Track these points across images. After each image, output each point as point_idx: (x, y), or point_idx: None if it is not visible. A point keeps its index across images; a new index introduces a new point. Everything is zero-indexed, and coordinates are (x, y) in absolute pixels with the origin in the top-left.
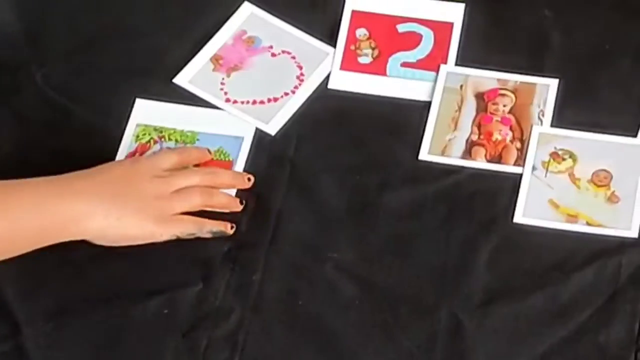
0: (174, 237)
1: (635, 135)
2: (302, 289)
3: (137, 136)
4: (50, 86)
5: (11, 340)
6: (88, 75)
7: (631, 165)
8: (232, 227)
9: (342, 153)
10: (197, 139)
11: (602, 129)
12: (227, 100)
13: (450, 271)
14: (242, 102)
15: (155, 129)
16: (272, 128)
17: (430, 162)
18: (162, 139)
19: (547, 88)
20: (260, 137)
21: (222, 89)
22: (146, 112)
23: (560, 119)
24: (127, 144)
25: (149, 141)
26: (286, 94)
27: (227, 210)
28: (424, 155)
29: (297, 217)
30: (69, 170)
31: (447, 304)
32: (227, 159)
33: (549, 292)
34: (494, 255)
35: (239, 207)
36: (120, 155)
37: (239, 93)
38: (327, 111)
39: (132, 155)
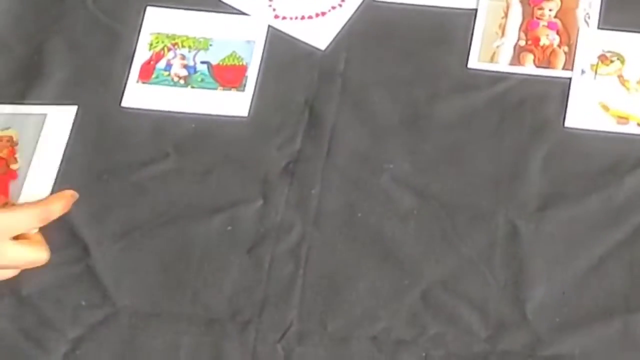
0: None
1: None
2: (360, 201)
3: (151, 44)
4: (101, 10)
5: (82, 262)
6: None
7: None
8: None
9: (392, 65)
10: (210, 45)
11: None
12: (276, 16)
13: (505, 178)
14: (291, 18)
15: (168, 37)
16: (322, 43)
17: (479, 70)
18: (176, 46)
19: None
20: (310, 51)
21: (270, 5)
22: (158, 20)
23: (607, 21)
24: (141, 53)
25: (162, 49)
26: (333, 7)
27: None
28: (473, 63)
29: (351, 131)
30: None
31: (504, 210)
32: (240, 63)
33: (603, 195)
34: (547, 160)
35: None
36: (136, 65)
37: (286, 9)
38: (374, 24)
39: (147, 64)
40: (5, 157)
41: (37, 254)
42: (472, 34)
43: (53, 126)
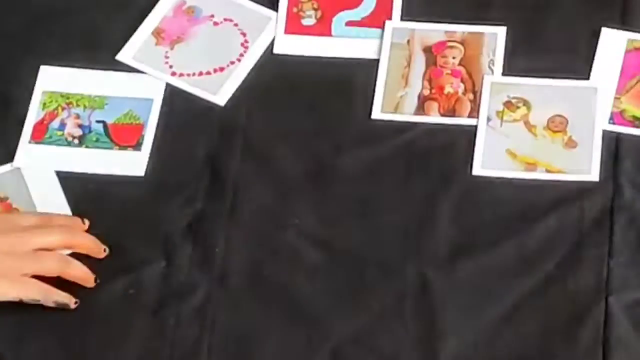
0: (16, 299)
1: (587, 78)
2: (266, 259)
3: (44, 104)
4: None
5: None
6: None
7: (585, 108)
8: (75, 303)
9: (294, 118)
10: (106, 104)
11: (553, 73)
12: (173, 73)
13: (413, 229)
14: (189, 75)
15: (62, 96)
16: (221, 98)
17: (384, 121)
18: (70, 105)
19: (495, 37)
20: (209, 108)
21: (167, 63)
22: (52, 79)
23: (511, 67)
24: (34, 112)
25: (56, 108)
26: (232, 62)
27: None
28: (377, 114)
29: (255, 186)
30: None
31: (413, 262)
32: (137, 122)
33: (514, 243)
34: (455, 209)
35: (92, 284)
36: (28, 124)
37: (184, 65)
38: (275, 77)
39: (39, 123)
40: (3, 211)
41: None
42: (375, 85)
43: (28, 171)
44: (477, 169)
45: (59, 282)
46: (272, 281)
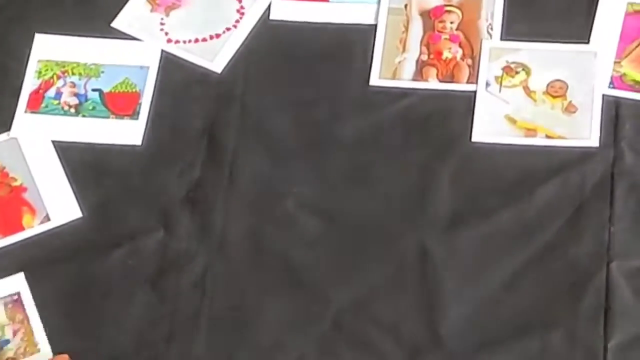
0: None
1: (587, 42)
2: (265, 228)
3: (40, 72)
4: None
5: None
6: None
7: (585, 72)
8: None
9: (292, 87)
10: (102, 72)
11: (553, 38)
12: (169, 40)
13: (413, 197)
14: (184, 42)
15: (57, 64)
16: (218, 65)
17: (382, 87)
18: (66, 74)
19: (493, 1)
20: (205, 75)
21: (162, 29)
22: (47, 47)
23: (510, 32)
24: (30, 81)
25: (52, 77)
26: (228, 29)
27: None
28: (375, 80)
29: (253, 155)
30: None
31: (413, 230)
32: (133, 90)
33: (514, 210)
34: (455, 177)
35: None
36: (24, 94)
37: (179, 32)
38: (271, 44)
39: (35, 93)
40: (1, 181)
41: None
42: (373, 51)
43: (25, 141)
44: (477, 136)
45: None
46: (271, 250)
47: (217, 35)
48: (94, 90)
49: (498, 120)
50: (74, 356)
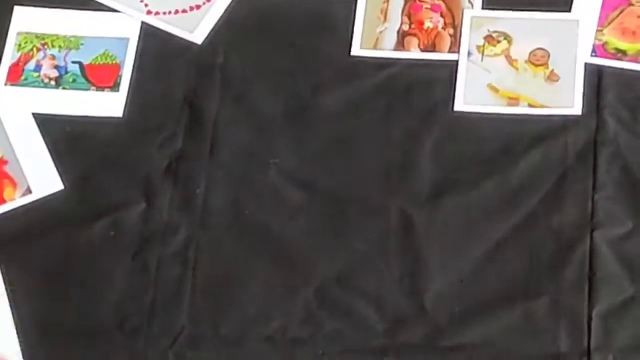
0: None
1: (569, 10)
2: (247, 199)
3: (19, 45)
4: None
5: None
6: None
7: (567, 41)
8: None
9: (273, 56)
10: (82, 44)
11: (534, 6)
12: (149, 12)
13: (395, 167)
14: (164, 13)
15: (37, 36)
16: (198, 37)
17: (363, 57)
18: (45, 46)
19: None
20: (186, 46)
21: (142, 1)
22: (26, 19)
23: (491, 1)
24: (9, 54)
25: (31, 49)
26: (208, 0)
27: None
28: (356, 50)
29: (234, 126)
30: None
31: (396, 200)
32: (113, 62)
33: (497, 178)
34: (437, 146)
35: None
36: (3, 67)
37: (159, 4)
38: (252, 14)
39: (15, 65)
40: None
41: None
42: (354, 20)
43: (4, 114)
44: (459, 105)
45: None
46: (254, 222)
47: (197, 7)
48: (73, 62)
49: (480, 89)
50: (53, 329)
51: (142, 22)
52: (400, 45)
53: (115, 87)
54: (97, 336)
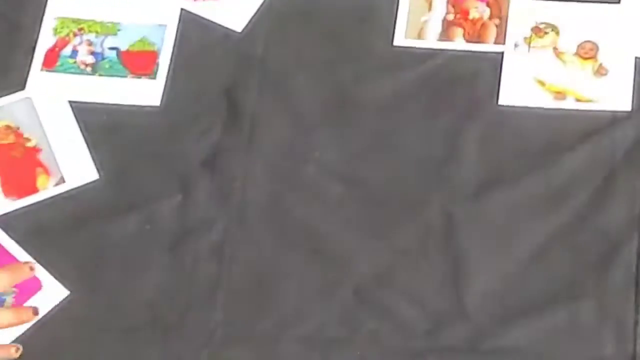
0: None
1: (618, 1)
2: (285, 194)
3: (56, 29)
4: None
5: None
6: None
7: (617, 33)
8: (17, 350)
9: (313, 47)
10: (119, 30)
11: None
12: None
13: (438, 162)
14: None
15: (74, 21)
16: (238, 24)
17: (407, 47)
18: (82, 31)
19: None
20: (226, 34)
21: None
22: (63, 3)
23: None
24: (46, 39)
25: (68, 34)
26: None
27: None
28: (400, 40)
29: (273, 118)
30: None
31: (438, 197)
32: (151, 48)
33: (542, 176)
34: (481, 142)
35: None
36: (39, 52)
37: None
38: (293, 3)
39: (51, 51)
40: (15, 141)
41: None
42: (397, 9)
43: (39, 100)
44: (504, 99)
45: None
46: (292, 217)
47: None
48: (110, 48)
49: (526, 82)
50: (85, 324)
51: (181, 9)
52: (445, 35)
53: (152, 74)
54: (129, 333)
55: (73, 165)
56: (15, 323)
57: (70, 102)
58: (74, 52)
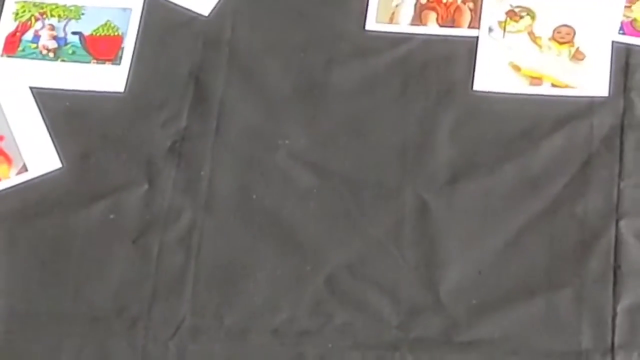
0: None
1: None
2: (254, 182)
3: (17, 14)
4: None
5: None
6: None
7: (594, 17)
8: None
9: (283, 30)
10: (82, 13)
11: None
12: None
13: (411, 149)
14: None
15: (35, 5)
16: (205, 8)
17: (379, 32)
18: (44, 16)
19: None
20: (192, 18)
21: None
22: None
23: None
24: (6, 23)
25: (29, 19)
26: None
27: None
28: (371, 24)
29: (242, 104)
30: None
31: (411, 185)
32: (115, 33)
33: (518, 163)
34: (455, 127)
35: None
36: (0, 36)
37: None
38: None
39: (12, 36)
40: None
41: None
42: None
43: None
44: (478, 84)
45: None
46: (262, 206)
47: None
48: (73, 33)
49: (501, 67)
50: (51, 316)
51: None
52: (418, 19)
53: (117, 60)
54: (94, 323)
55: (35, 154)
56: None
57: (32, 88)
58: (36, 37)
